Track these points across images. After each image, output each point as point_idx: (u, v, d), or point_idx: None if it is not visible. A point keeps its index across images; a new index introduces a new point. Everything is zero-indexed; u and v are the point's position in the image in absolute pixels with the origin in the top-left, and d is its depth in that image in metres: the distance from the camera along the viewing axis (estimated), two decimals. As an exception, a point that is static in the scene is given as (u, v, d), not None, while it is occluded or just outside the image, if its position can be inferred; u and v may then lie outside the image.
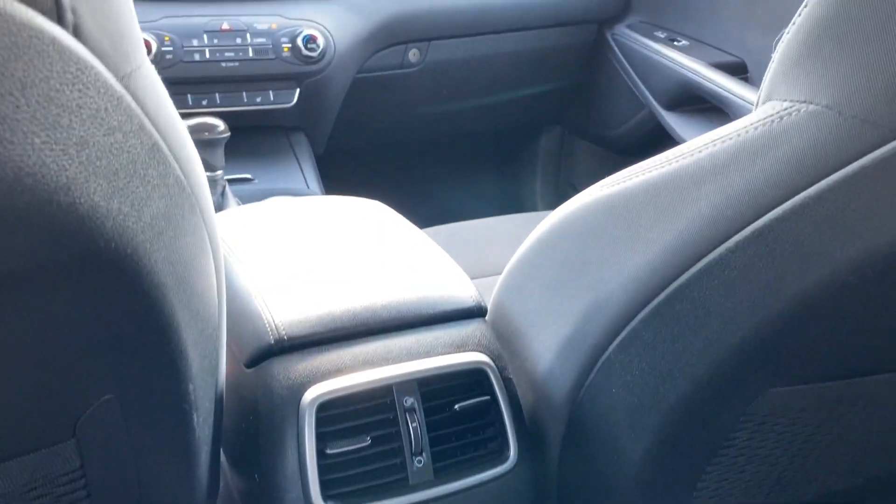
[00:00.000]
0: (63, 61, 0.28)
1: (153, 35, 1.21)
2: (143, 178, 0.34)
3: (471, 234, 1.29)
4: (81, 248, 0.32)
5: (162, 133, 0.35)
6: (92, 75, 0.29)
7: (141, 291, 0.37)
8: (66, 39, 0.28)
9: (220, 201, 1.20)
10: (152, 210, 0.35)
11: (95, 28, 0.30)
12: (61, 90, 0.28)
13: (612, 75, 1.70)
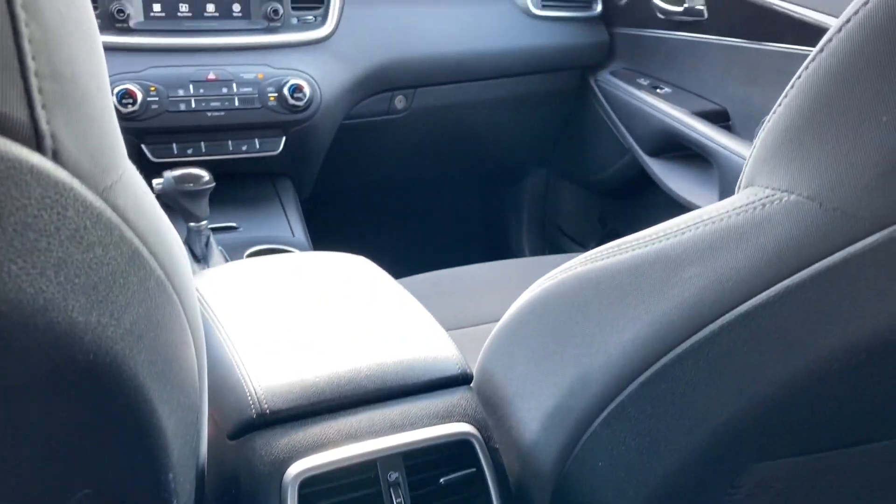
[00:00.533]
0: (42, 187, 0.28)
1: (139, 85, 1.21)
2: (122, 287, 0.34)
3: (457, 282, 1.29)
4: (59, 363, 0.31)
5: (143, 238, 0.35)
6: (71, 196, 0.29)
7: (120, 394, 0.36)
8: (45, 166, 0.28)
9: (205, 251, 1.19)
10: (132, 316, 0.35)
11: (76, 149, 0.29)
12: (39, 216, 0.28)
13: (596, 120, 1.72)
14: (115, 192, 0.33)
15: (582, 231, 1.94)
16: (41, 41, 0.27)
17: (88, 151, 0.30)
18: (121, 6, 1.23)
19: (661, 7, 1.55)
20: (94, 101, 0.31)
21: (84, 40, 0.31)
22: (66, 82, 0.29)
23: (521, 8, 1.62)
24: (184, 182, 1.13)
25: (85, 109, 0.30)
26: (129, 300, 0.34)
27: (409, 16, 1.50)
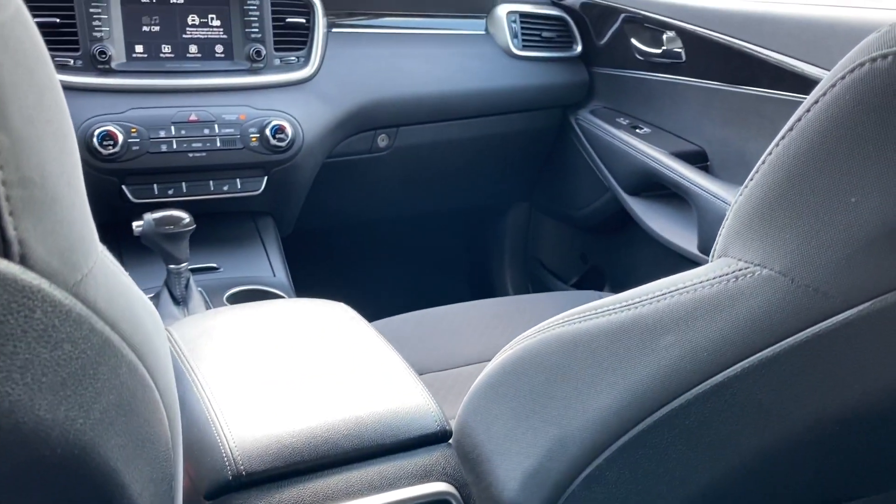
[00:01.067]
0: (8, 293, 0.27)
1: (120, 127, 1.21)
2: (92, 378, 0.33)
3: (439, 322, 1.29)
4: (25, 460, 0.31)
5: (115, 325, 0.35)
6: (39, 298, 0.29)
7: (90, 481, 0.36)
8: (12, 271, 0.28)
9: (184, 294, 1.19)
10: (102, 405, 0.34)
11: (44, 251, 0.29)
12: (5, 320, 0.28)
13: (576, 157, 1.74)
14: (85, 286, 0.32)
15: (563, 266, 1.95)
16: (9, 150, 0.27)
17: (58, 251, 0.30)
18: (102, 48, 1.23)
19: (640, 49, 1.58)
20: (65, 199, 0.31)
21: (55, 139, 0.31)
22: (36, 188, 0.29)
23: (503, 48, 1.64)
24: (164, 224, 1.13)
25: (55, 210, 0.30)
26: (100, 390, 0.34)
27: (391, 56, 1.51)
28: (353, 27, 1.50)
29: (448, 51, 1.59)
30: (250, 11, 1.33)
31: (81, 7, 1.22)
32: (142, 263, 1.28)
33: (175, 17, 1.29)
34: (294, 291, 1.35)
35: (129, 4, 1.26)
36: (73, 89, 1.22)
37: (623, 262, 1.77)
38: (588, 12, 1.68)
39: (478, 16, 1.64)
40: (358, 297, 1.98)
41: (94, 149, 1.19)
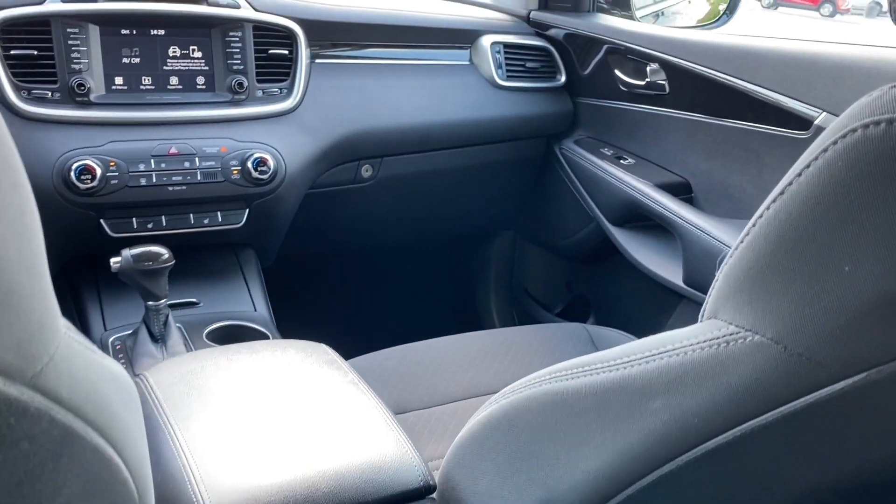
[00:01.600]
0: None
1: (98, 161, 1.19)
2: (52, 472, 0.31)
3: (423, 357, 1.27)
4: None
5: (79, 410, 0.33)
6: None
7: None
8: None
9: (163, 331, 1.16)
10: (65, 497, 0.33)
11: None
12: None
13: (561, 187, 1.73)
14: (45, 376, 0.31)
15: (549, 295, 1.94)
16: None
17: (14, 345, 0.28)
18: (81, 80, 1.21)
19: (624, 80, 1.58)
20: (23, 289, 0.29)
21: (13, 223, 0.29)
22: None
23: (487, 79, 1.63)
24: (142, 260, 1.11)
25: (10, 303, 0.28)
26: (61, 483, 0.32)
27: (375, 87, 1.50)
28: (336, 58, 1.49)
29: (432, 81, 1.58)
30: (232, 43, 1.32)
31: (60, 39, 1.20)
32: (120, 299, 1.26)
33: (156, 49, 1.28)
34: (275, 325, 1.33)
35: (108, 36, 1.24)
36: (50, 122, 1.20)
37: (608, 291, 1.76)
38: (572, 43, 1.68)
39: (462, 46, 1.64)
40: (340, 328, 1.96)
41: (72, 183, 1.17)
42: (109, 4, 1.23)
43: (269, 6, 1.36)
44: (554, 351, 1.32)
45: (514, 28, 1.70)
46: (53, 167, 1.17)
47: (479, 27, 1.65)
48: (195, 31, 1.30)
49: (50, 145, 1.19)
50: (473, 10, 1.73)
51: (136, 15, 1.25)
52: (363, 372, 1.21)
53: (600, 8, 1.73)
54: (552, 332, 1.37)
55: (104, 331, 1.21)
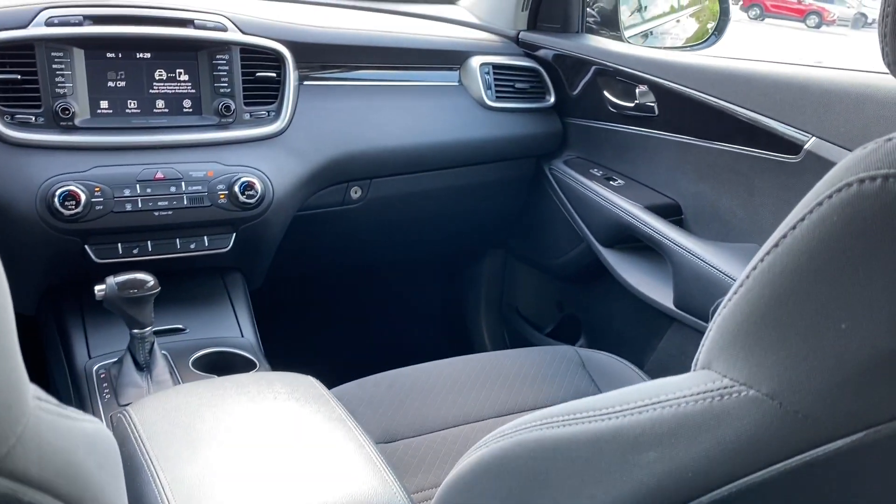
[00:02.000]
0: None
1: (83, 186, 1.17)
2: None
3: (414, 383, 1.25)
4: None
5: (49, 486, 0.32)
6: None
7: None
8: None
9: (148, 360, 1.14)
10: None
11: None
12: None
13: (551, 207, 1.73)
14: (12, 458, 0.29)
15: (539, 314, 1.93)
16: None
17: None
18: (66, 104, 1.19)
19: (613, 101, 1.58)
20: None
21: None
22: None
23: (476, 99, 1.63)
24: (127, 288, 1.09)
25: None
26: None
27: (363, 109, 1.49)
28: (325, 80, 1.48)
29: (421, 102, 1.57)
30: (219, 66, 1.31)
31: (44, 63, 1.18)
32: (104, 326, 1.24)
33: (142, 72, 1.26)
34: (262, 352, 1.31)
35: (94, 60, 1.23)
36: (34, 147, 1.18)
37: (599, 311, 1.75)
38: (561, 64, 1.68)
39: (451, 67, 1.64)
40: (329, 351, 1.95)
41: (56, 209, 1.15)
42: (95, 28, 1.22)
43: (257, 28, 1.35)
44: (545, 375, 1.31)
45: (503, 49, 1.70)
46: (37, 193, 1.16)
47: (469, 48, 1.64)
48: (182, 54, 1.29)
49: (33, 171, 1.17)
50: (462, 30, 1.73)
51: (123, 39, 1.24)
52: (352, 399, 1.19)
53: (589, 28, 1.73)
54: (543, 356, 1.36)
55: (88, 359, 1.19)
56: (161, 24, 1.27)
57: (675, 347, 1.47)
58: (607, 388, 1.29)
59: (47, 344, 1.32)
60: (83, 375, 1.16)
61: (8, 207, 1.17)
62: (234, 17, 1.34)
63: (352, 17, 1.72)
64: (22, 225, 1.17)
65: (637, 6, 1.94)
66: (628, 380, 1.31)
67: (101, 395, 1.10)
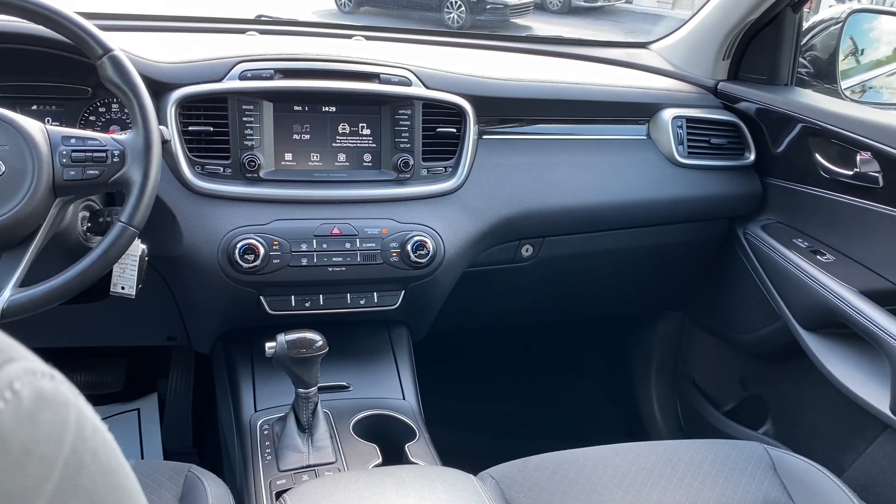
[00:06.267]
0: None
1: (262, 239, 1.18)
2: None
3: (579, 472, 1.15)
4: None
5: None
6: None
7: None
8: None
9: (311, 420, 1.13)
10: None
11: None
12: None
13: (742, 276, 1.56)
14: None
15: (719, 389, 1.75)
16: None
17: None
18: (252, 156, 1.21)
19: (825, 166, 1.40)
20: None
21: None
22: None
23: (666, 155, 1.51)
24: (296, 347, 1.08)
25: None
26: None
27: (541, 164, 1.41)
28: (503, 134, 1.42)
29: (604, 158, 1.47)
30: (401, 121, 1.28)
31: (235, 115, 1.21)
32: (272, 378, 1.24)
33: (326, 126, 1.27)
34: (422, 416, 1.27)
35: (281, 113, 1.24)
36: (220, 198, 1.21)
37: (790, 397, 1.56)
38: (764, 119, 1.52)
39: (639, 120, 1.52)
40: (488, 410, 1.88)
41: (235, 261, 1.17)
42: (285, 82, 1.23)
43: (440, 82, 1.32)
44: (729, 476, 1.17)
45: (698, 100, 1.56)
46: (219, 244, 1.18)
47: (660, 100, 1.52)
48: (366, 108, 1.28)
49: (218, 222, 1.19)
50: (655, 79, 1.61)
51: (311, 92, 1.24)
52: (512, 484, 1.12)
53: (800, 80, 1.55)
54: (727, 452, 1.21)
55: (254, 412, 1.20)
56: (348, 79, 1.27)
57: (886, 459, 1.26)
58: (802, 500, 1.13)
59: (218, 385, 1.35)
60: (248, 429, 1.16)
61: (192, 255, 1.20)
62: (417, 71, 1.31)
63: (535, 63, 1.65)
64: (203, 272, 1.20)
65: (852, 48, 1.73)
66: (828, 494, 1.13)
67: (263, 456, 1.10)
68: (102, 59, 1.00)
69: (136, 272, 1.12)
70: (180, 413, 1.80)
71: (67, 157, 0.97)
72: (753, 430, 1.61)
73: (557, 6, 8.91)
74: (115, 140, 1.01)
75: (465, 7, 7.30)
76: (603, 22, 9.01)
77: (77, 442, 0.27)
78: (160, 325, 1.48)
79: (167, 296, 1.34)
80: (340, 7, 7.39)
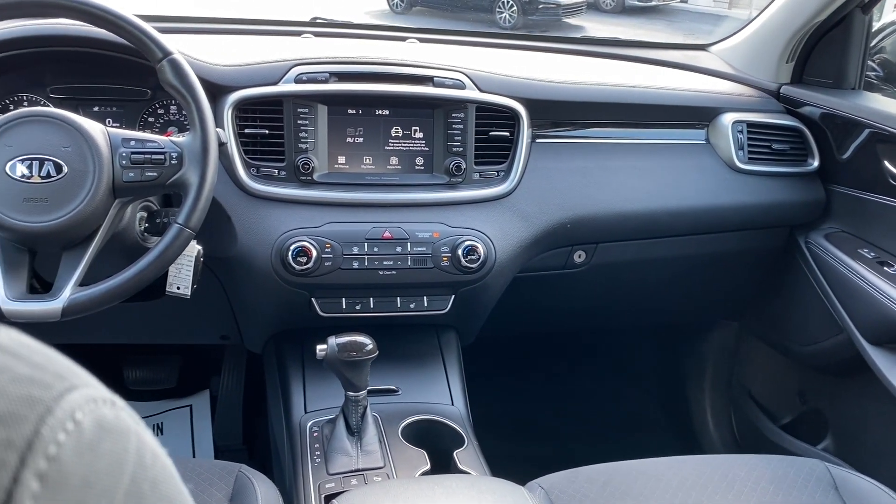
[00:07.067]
0: None
1: (315, 242, 1.19)
2: None
3: (632, 485, 1.12)
4: None
5: None
6: None
7: None
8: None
9: (360, 424, 1.13)
10: None
11: None
12: None
13: (803, 286, 1.51)
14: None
15: (776, 402, 1.70)
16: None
17: None
18: (306, 159, 1.22)
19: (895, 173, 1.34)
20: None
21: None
22: None
23: (725, 160, 1.46)
24: (347, 350, 1.08)
25: None
26: None
27: (597, 170, 1.39)
28: (556, 137, 1.40)
29: (661, 163, 1.44)
30: (454, 124, 1.27)
31: (290, 118, 1.21)
32: (322, 379, 1.24)
33: (379, 129, 1.26)
34: (471, 421, 1.25)
35: (335, 116, 1.24)
36: (275, 200, 1.22)
37: (853, 413, 1.50)
38: (829, 123, 1.46)
39: (698, 125, 1.48)
40: (536, 417, 1.86)
41: (289, 263, 1.18)
42: (340, 85, 1.23)
43: (494, 86, 1.30)
44: (788, 494, 1.13)
45: (760, 104, 1.52)
46: (273, 246, 1.19)
47: (720, 104, 1.48)
48: (419, 112, 1.27)
49: (272, 224, 1.20)
50: (714, 82, 1.57)
51: (365, 95, 1.24)
52: (562, 495, 1.09)
53: (867, 84, 1.49)
54: (785, 468, 1.17)
55: (304, 413, 1.21)
56: (402, 82, 1.26)
57: (957, 482, 1.20)
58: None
59: (269, 385, 1.36)
60: (297, 431, 1.17)
61: (246, 256, 1.21)
62: (471, 74, 1.30)
63: (590, 65, 1.63)
64: (257, 274, 1.21)
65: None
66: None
67: (312, 458, 1.10)
68: (162, 62, 1.02)
69: (192, 273, 1.13)
70: (231, 410, 1.82)
71: (127, 159, 0.99)
72: (812, 446, 1.56)
73: (610, 5, 8.80)
74: (174, 142, 1.02)
75: (516, 7, 7.26)
76: (657, 21, 8.87)
77: (137, 471, 0.27)
78: (214, 324, 1.50)
79: (221, 295, 1.36)
80: (393, 7, 7.43)
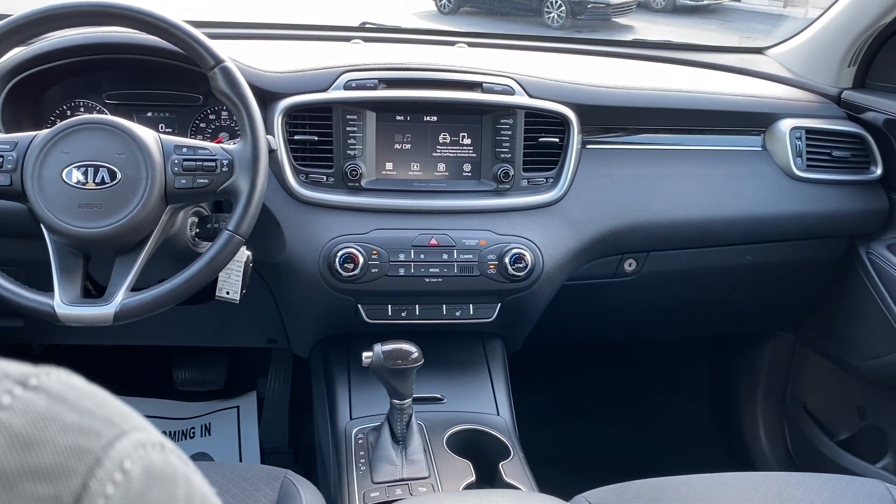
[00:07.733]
0: None
1: (361, 249, 1.19)
2: None
3: (681, 501, 1.10)
4: None
5: None
6: None
7: None
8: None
9: (405, 432, 1.12)
10: None
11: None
12: None
13: (864, 298, 1.45)
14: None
15: (833, 417, 1.64)
16: None
17: None
18: (354, 166, 1.22)
19: (966, 182, 1.28)
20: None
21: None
22: None
23: (782, 168, 1.42)
24: (392, 358, 1.08)
25: None
26: None
27: (648, 177, 1.36)
28: (607, 143, 1.37)
29: (715, 170, 1.40)
30: (503, 130, 1.26)
31: (339, 125, 1.21)
32: (368, 386, 1.24)
33: (427, 135, 1.26)
34: (516, 433, 1.24)
35: (384, 122, 1.24)
36: (323, 206, 1.22)
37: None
38: (894, 130, 1.40)
39: (754, 131, 1.44)
40: (582, 429, 1.83)
41: (336, 269, 1.18)
42: (389, 92, 1.23)
43: (544, 91, 1.29)
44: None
45: (819, 110, 1.46)
46: (320, 252, 1.19)
47: (777, 110, 1.43)
48: (467, 118, 1.26)
49: (320, 230, 1.21)
50: (771, 87, 1.52)
51: (413, 102, 1.24)
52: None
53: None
54: (844, 489, 1.13)
55: (349, 420, 1.21)
56: (450, 88, 1.25)
57: None
58: (930, 548, 1.03)
59: (315, 390, 1.37)
60: (343, 437, 1.17)
61: (294, 262, 1.21)
62: (520, 79, 1.28)
63: (642, 69, 1.59)
64: (304, 279, 1.22)
65: None
66: (961, 543, 1.04)
67: (357, 466, 1.10)
68: (214, 70, 1.03)
69: (241, 278, 1.14)
70: (277, 413, 1.84)
71: (179, 166, 1.00)
72: (871, 465, 1.50)
73: (661, 5, 8.65)
74: (225, 150, 1.03)
75: (565, 7, 7.19)
76: (710, 21, 8.69)
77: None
78: (262, 327, 1.52)
79: (269, 300, 1.37)
80: (440, 8, 7.43)
